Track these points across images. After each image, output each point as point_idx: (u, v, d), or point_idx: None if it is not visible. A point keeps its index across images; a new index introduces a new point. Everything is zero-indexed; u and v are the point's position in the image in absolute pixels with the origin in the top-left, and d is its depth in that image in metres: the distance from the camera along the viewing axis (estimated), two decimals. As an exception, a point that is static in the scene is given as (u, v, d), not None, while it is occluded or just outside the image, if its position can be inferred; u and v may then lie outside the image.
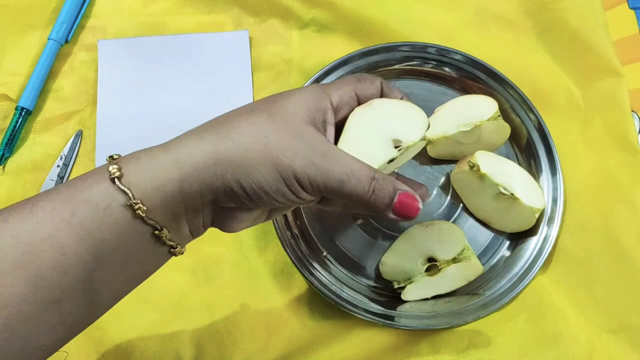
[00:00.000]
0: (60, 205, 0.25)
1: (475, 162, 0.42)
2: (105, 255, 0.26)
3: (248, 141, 0.28)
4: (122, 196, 0.26)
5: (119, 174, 0.26)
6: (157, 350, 0.41)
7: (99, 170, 0.27)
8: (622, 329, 0.40)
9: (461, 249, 0.41)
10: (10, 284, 0.24)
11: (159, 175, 0.26)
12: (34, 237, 0.24)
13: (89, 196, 0.25)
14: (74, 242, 0.25)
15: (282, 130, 0.28)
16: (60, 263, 0.24)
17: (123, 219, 0.26)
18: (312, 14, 0.51)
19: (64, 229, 0.25)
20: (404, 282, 0.42)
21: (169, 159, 0.27)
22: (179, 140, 0.28)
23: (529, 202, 0.42)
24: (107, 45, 0.50)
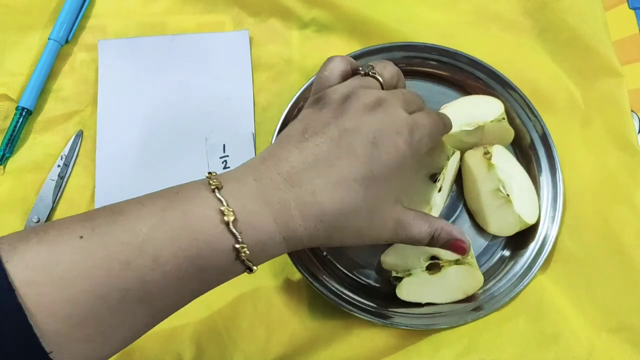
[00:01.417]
0: (177, 234, 0.26)
1: (490, 150, 0.42)
2: (193, 277, 0.27)
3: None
4: (230, 238, 0.27)
5: (233, 218, 0.27)
6: (157, 350, 0.41)
7: (205, 197, 0.28)
8: (622, 329, 0.40)
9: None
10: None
11: (269, 230, 0.29)
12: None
13: (200, 228, 0.27)
14: (175, 264, 0.26)
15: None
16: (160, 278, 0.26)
17: (224, 258, 0.28)
18: (312, 14, 0.51)
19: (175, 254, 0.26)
20: (402, 273, 0.42)
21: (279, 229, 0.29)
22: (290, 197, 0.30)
23: (520, 210, 0.42)
24: (107, 45, 0.50)
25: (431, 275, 0.41)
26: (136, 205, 0.27)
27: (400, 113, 0.32)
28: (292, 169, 0.30)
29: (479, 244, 0.45)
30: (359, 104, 0.32)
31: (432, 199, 0.41)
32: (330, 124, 0.31)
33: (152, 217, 0.26)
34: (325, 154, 0.30)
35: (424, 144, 0.34)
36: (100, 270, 0.24)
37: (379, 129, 0.31)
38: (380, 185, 0.31)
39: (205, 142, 0.48)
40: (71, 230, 0.25)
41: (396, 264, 0.42)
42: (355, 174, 0.30)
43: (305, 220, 0.30)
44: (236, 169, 0.31)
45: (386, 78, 0.35)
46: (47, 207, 0.46)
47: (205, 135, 0.48)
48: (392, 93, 0.34)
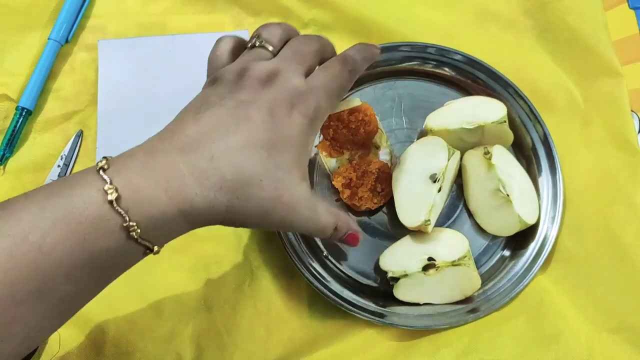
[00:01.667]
0: (60, 219, 0.25)
1: (491, 150, 0.42)
2: (85, 264, 0.26)
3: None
4: (117, 217, 0.26)
5: (116, 195, 0.26)
6: (157, 350, 0.41)
7: (90, 180, 0.26)
8: (622, 329, 0.40)
9: (462, 255, 0.41)
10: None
11: (160, 203, 0.27)
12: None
13: (82, 210, 0.25)
14: (62, 251, 0.25)
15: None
16: (42, 264, 0.25)
17: (113, 239, 0.26)
18: (312, 14, 0.51)
19: (56, 233, 0.25)
20: (399, 274, 0.42)
21: (171, 196, 0.27)
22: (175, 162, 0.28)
23: (520, 210, 0.42)
24: (107, 45, 0.50)
25: (427, 276, 0.41)
26: (22, 197, 0.26)
27: (294, 81, 0.31)
28: (187, 138, 0.28)
29: (479, 244, 0.45)
30: (252, 79, 0.31)
31: (432, 199, 0.41)
32: (226, 97, 0.30)
33: (35, 205, 0.25)
34: (223, 122, 0.29)
35: (322, 109, 0.32)
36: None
37: (274, 101, 0.30)
38: (281, 154, 0.30)
39: (205, 142, 0.48)
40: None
41: (393, 264, 0.42)
42: (255, 140, 0.29)
43: (203, 188, 0.28)
44: (131, 149, 0.30)
45: (275, 42, 0.34)
46: (47, 207, 0.46)
47: (205, 135, 0.48)
48: (284, 58, 0.32)
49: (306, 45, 0.34)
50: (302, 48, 0.33)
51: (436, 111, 0.46)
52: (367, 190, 0.44)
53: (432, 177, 0.42)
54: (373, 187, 0.44)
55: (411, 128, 0.48)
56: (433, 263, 0.42)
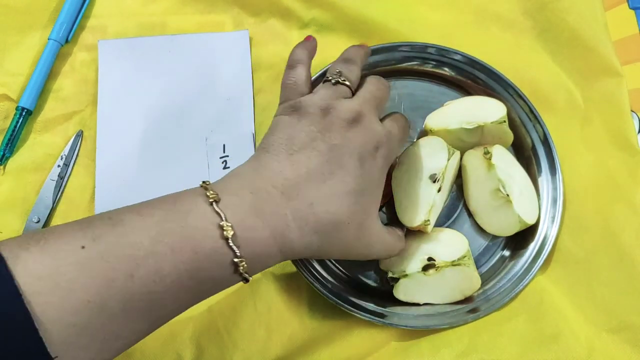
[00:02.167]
0: (177, 248, 0.27)
1: (491, 150, 0.42)
2: (192, 289, 0.28)
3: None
4: (229, 252, 0.28)
5: (232, 232, 0.28)
6: (157, 350, 0.41)
7: (203, 211, 0.28)
8: (622, 329, 0.40)
9: (462, 255, 0.41)
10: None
11: (266, 243, 0.30)
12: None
13: (199, 242, 0.28)
14: (176, 277, 0.27)
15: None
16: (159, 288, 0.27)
17: (222, 271, 0.29)
18: (312, 14, 0.51)
19: (176, 265, 0.27)
20: (399, 274, 0.42)
21: (276, 246, 0.31)
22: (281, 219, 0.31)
23: (520, 210, 0.42)
24: (107, 45, 0.50)
25: (427, 276, 0.41)
26: (135, 215, 0.27)
27: (377, 126, 0.35)
28: (286, 181, 0.31)
29: (479, 244, 0.45)
30: (339, 120, 0.33)
31: (432, 199, 0.41)
32: (317, 139, 0.32)
33: (152, 229, 0.27)
34: (317, 167, 0.32)
35: (395, 153, 0.37)
36: (104, 281, 0.25)
37: (362, 146, 0.33)
38: (366, 198, 0.33)
39: (205, 142, 0.48)
40: (72, 239, 0.25)
41: (392, 264, 0.42)
42: (348, 187, 0.32)
43: (302, 232, 0.31)
44: (229, 178, 0.32)
45: (353, 81, 0.37)
46: (47, 207, 0.46)
47: (205, 135, 0.48)
48: (365, 100, 0.35)
49: (380, 91, 0.37)
50: (377, 94, 0.37)
51: (436, 111, 0.46)
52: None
53: (432, 177, 0.42)
54: None
55: (411, 128, 0.48)
56: (433, 263, 0.41)
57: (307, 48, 0.39)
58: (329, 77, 0.36)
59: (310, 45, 0.39)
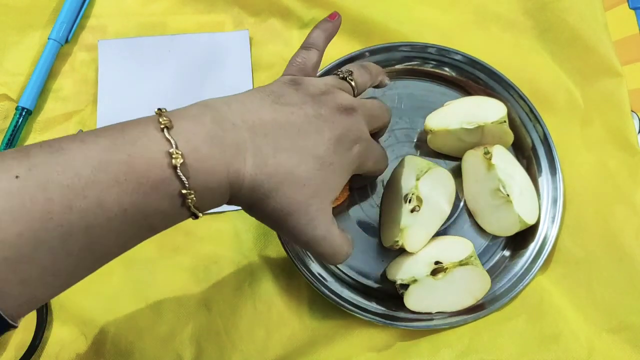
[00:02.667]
0: (121, 178, 0.25)
1: (491, 150, 0.42)
2: (136, 222, 0.26)
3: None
4: (177, 183, 0.26)
5: (182, 161, 0.26)
6: (157, 350, 0.41)
7: (153, 137, 0.26)
8: (622, 329, 0.40)
9: (468, 255, 0.41)
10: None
11: (219, 176, 0.28)
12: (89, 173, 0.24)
13: (145, 171, 0.25)
14: (119, 208, 0.25)
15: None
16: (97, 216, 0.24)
17: (169, 203, 0.26)
18: (312, 14, 0.51)
19: (112, 188, 0.25)
20: (408, 280, 0.42)
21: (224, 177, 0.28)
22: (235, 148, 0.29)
23: (520, 210, 0.42)
24: (107, 45, 0.50)
25: (436, 280, 0.41)
26: (77, 143, 0.25)
27: (364, 128, 0.34)
28: (259, 121, 0.29)
29: (479, 244, 0.45)
30: (335, 101, 0.33)
31: (403, 219, 0.41)
32: (307, 103, 0.32)
33: (95, 158, 0.25)
34: (296, 123, 0.30)
35: (367, 165, 0.36)
36: (39, 213, 0.23)
37: (346, 130, 0.33)
38: (329, 173, 0.32)
39: (205, 142, 0.48)
40: (6, 167, 0.23)
41: (400, 272, 0.42)
42: (317, 152, 0.31)
43: (256, 172, 0.29)
44: (191, 106, 0.29)
45: (359, 85, 0.37)
46: (47, 207, 0.46)
47: (205, 135, 0.48)
48: (363, 105, 0.35)
49: (382, 113, 0.38)
50: (378, 112, 0.38)
51: (436, 111, 0.46)
52: None
53: (405, 197, 0.42)
54: None
55: (411, 128, 0.48)
56: (441, 266, 0.41)
57: (327, 31, 0.38)
58: (339, 71, 0.37)
59: (331, 26, 0.39)
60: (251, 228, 0.46)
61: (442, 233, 0.45)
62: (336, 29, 0.40)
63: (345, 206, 0.45)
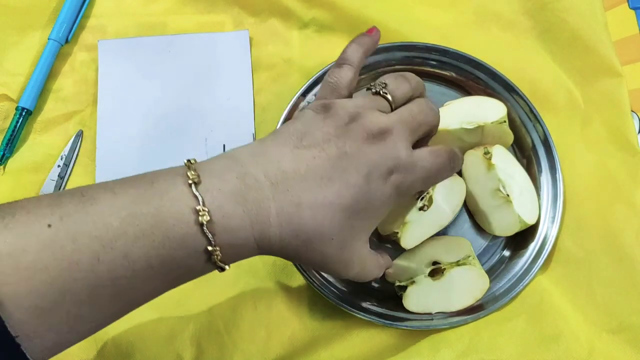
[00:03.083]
0: (148, 231, 0.25)
1: (491, 150, 0.42)
2: (162, 275, 0.27)
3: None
4: (203, 239, 0.26)
5: (208, 218, 0.26)
6: (157, 350, 0.41)
7: (180, 193, 0.27)
8: (622, 329, 0.40)
9: (466, 255, 0.41)
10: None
11: (244, 234, 0.28)
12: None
13: (172, 226, 0.26)
14: (145, 261, 0.26)
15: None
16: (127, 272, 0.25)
17: (195, 258, 0.27)
18: (312, 14, 0.51)
19: (144, 248, 0.25)
20: (406, 281, 0.42)
21: (252, 234, 0.28)
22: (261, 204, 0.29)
23: (520, 210, 0.42)
24: (107, 45, 0.50)
25: (435, 280, 0.41)
26: (107, 193, 0.26)
27: (401, 151, 0.31)
28: (281, 173, 0.29)
29: (479, 244, 0.45)
30: (363, 130, 0.30)
31: (409, 213, 0.41)
32: (330, 141, 0.30)
33: (124, 209, 0.25)
34: (318, 169, 0.29)
35: (414, 188, 0.33)
36: (68, 263, 0.23)
37: (375, 164, 0.30)
38: (359, 220, 0.31)
39: (205, 142, 0.48)
40: (39, 216, 0.24)
41: (399, 273, 0.42)
42: (343, 201, 0.29)
43: (282, 231, 0.29)
44: (219, 159, 0.29)
45: (397, 97, 0.33)
46: (47, 207, 0.46)
47: (205, 135, 0.48)
48: (400, 119, 0.32)
49: (425, 116, 0.34)
50: (419, 117, 0.33)
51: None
52: None
53: (419, 193, 0.42)
54: None
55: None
56: (439, 267, 0.42)
57: (364, 46, 0.36)
58: (372, 85, 0.34)
59: (369, 41, 0.36)
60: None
61: (441, 233, 0.45)
62: (374, 44, 0.37)
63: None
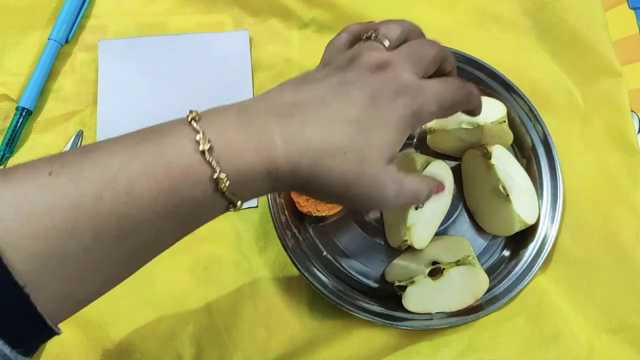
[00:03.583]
0: (150, 166, 0.25)
1: (491, 150, 0.42)
2: (169, 213, 0.26)
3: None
4: (207, 168, 0.26)
5: (209, 145, 0.26)
6: (157, 350, 0.41)
7: (181, 130, 0.26)
8: (622, 329, 0.40)
9: (465, 254, 0.41)
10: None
11: (249, 159, 0.27)
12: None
13: (174, 158, 0.25)
14: (149, 198, 0.25)
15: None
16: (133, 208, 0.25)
17: (201, 190, 0.26)
18: (312, 14, 0.51)
19: (149, 183, 0.25)
20: (405, 281, 0.42)
21: (262, 152, 0.27)
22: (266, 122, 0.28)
23: (520, 210, 0.42)
24: (107, 45, 0.50)
25: (435, 280, 0.41)
26: (109, 143, 0.26)
27: (405, 76, 0.30)
28: (283, 104, 0.29)
29: (479, 244, 0.45)
30: (362, 64, 0.30)
31: (409, 218, 0.41)
32: (331, 76, 0.30)
33: (125, 151, 0.25)
34: (320, 94, 0.29)
35: (429, 111, 0.31)
36: (71, 205, 0.23)
37: (378, 88, 0.29)
38: (374, 133, 0.29)
39: (205, 142, 0.48)
40: (39, 167, 0.24)
41: (398, 273, 0.42)
42: (349, 115, 0.28)
43: (289, 152, 0.28)
44: (222, 106, 0.29)
45: (392, 39, 0.33)
46: (47, 207, 0.46)
47: (205, 135, 0.48)
48: (400, 54, 0.31)
49: (425, 49, 0.33)
50: (420, 50, 0.32)
51: None
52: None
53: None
54: None
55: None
56: (438, 267, 0.42)
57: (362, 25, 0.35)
58: (365, 34, 0.33)
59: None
60: (251, 228, 0.46)
61: (441, 233, 0.45)
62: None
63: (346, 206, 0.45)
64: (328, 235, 0.45)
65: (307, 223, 0.46)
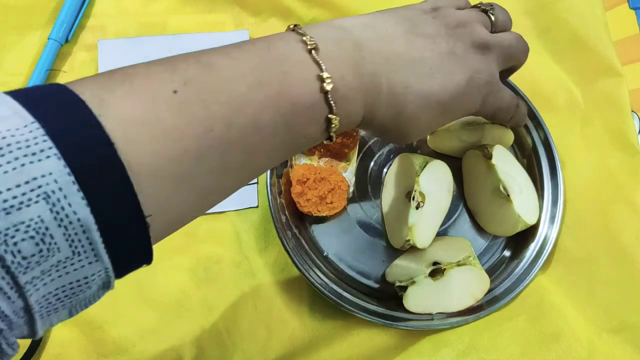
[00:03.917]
0: (275, 98, 0.25)
1: (491, 150, 0.42)
2: (283, 145, 0.26)
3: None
4: (325, 108, 0.26)
5: (332, 86, 0.26)
6: (157, 350, 0.41)
7: (302, 60, 0.26)
8: (622, 329, 0.40)
9: (466, 255, 0.41)
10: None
11: (358, 105, 0.28)
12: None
13: (299, 95, 0.25)
14: (272, 129, 0.25)
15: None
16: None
17: (315, 128, 0.26)
18: (313, 14, 0.51)
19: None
20: (406, 282, 0.42)
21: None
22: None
23: (521, 210, 0.42)
24: (107, 45, 0.50)
25: (435, 281, 0.41)
26: (227, 59, 0.25)
27: (494, 70, 0.33)
28: (395, 54, 0.29)
29: (480, 244, 0.45)
30: (471, 36, 0.32)
31: (410, 218, 0.41)
32: (441, 37, 0.31)
33: (248, 76, 0.24)
34: (428, 61, 0.30)
35: (484, 112, 0.34)
36: (201, 129, 0.22)
37: (477, 72, 0.31)
38: (445, 117, 0.32)
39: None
40: (160, 82, 0.22)
41: (399, 273, 0.42)
42: (443, 96, 0.30)
43: (388, 110, 0.29)
44: (325, 27, 0.29)
45: (499, 22, 0.35)
46: (47, 207, 0.46)
47: (205, 135, 0.48)
48: (500, 44, 0.33)
49: (518, 51, 0.35)
50: (514, 50, 0.35)
51: None
52: (316, 196, 0.43)
53: (408, 195, 0.42)
54: (323, 196, 0.43)
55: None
56: (439, 267, 0.42)
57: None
58: (480, 3, 0.35)
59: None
60: (251, 228, 0.46)
61: (442, 233, 0.45)
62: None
63: (346, 206, 0.45)
64: (329, 236, 0.45)
65: (307, 223, 0.45)
